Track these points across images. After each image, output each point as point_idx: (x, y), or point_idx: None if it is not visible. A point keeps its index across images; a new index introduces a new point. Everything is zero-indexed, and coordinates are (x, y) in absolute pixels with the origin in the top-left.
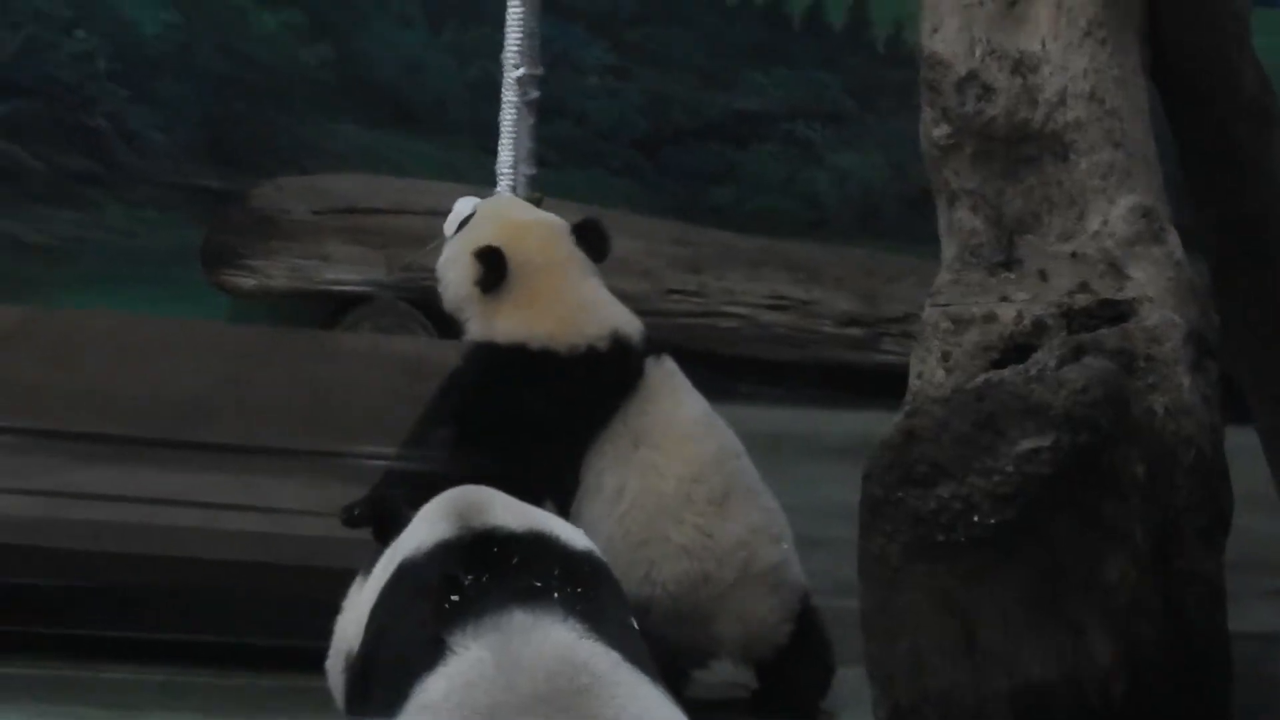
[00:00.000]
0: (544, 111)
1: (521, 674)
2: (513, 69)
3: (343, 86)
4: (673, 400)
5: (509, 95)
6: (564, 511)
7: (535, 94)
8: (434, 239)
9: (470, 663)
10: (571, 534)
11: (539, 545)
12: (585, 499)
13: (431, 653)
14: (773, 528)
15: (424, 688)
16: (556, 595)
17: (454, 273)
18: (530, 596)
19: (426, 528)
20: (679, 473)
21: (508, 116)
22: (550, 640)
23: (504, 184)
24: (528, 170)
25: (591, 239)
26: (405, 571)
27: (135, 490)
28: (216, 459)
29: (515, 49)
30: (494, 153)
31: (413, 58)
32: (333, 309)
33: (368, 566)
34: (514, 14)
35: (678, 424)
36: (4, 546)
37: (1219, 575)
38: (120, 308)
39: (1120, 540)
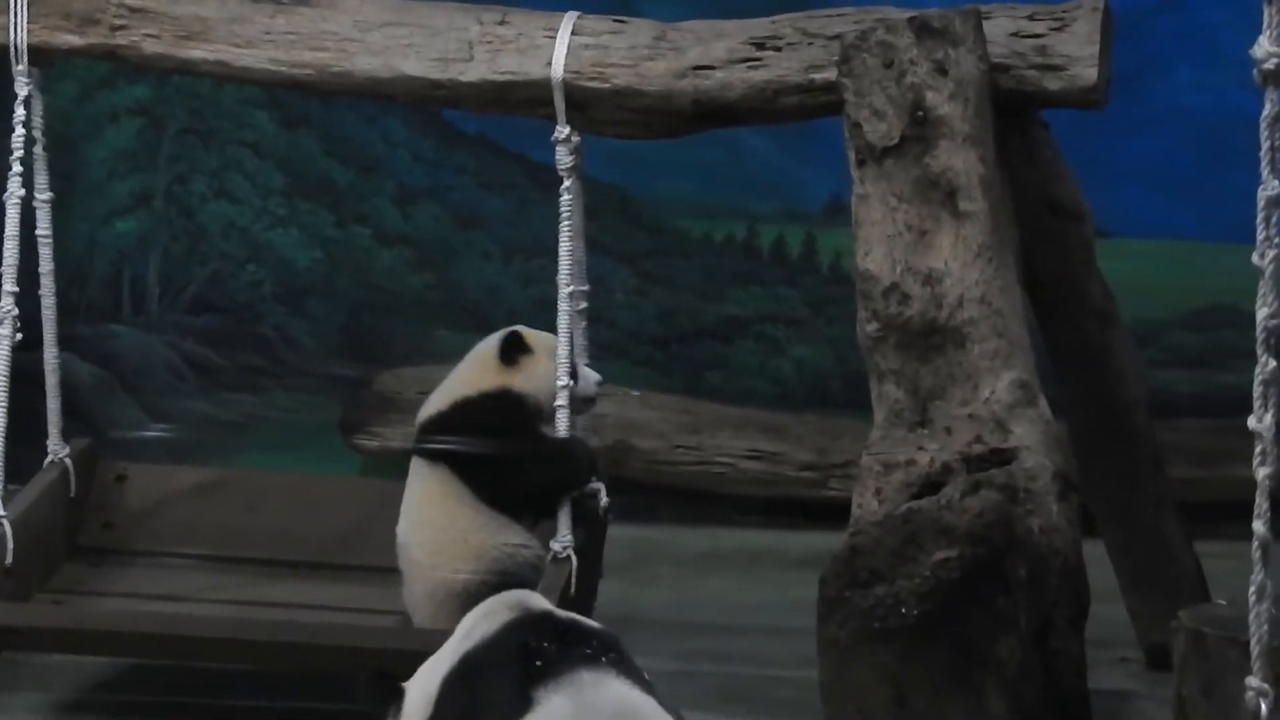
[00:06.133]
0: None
1: (596, 714)
2: (565, 286)
3: (441, 303)
4: None
5: (563, 306)
6: None
7: (584, 305)
8: None
9: (555, 709)
10: (587, 620)
11: (576, 625)
12: None
13: (521, 706)
14: None
15: None
16: (604, 659)
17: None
18: (588, 660)
19: (485, 623)
20: None
21: (563, 321)
22: (613, 691)
23: (562, 371)
24: (579, 360)
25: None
26: (473, 657)
27: (302, 599)
28: (361, 576)
29: (567, 272)
30: None
31: (491, 282)
32: None
33: (394, 712)
34: (565, 248)
35: None
36: (210, 640)
37: (1081, 650)
38: (286, 467)
39: (1010, 625)
